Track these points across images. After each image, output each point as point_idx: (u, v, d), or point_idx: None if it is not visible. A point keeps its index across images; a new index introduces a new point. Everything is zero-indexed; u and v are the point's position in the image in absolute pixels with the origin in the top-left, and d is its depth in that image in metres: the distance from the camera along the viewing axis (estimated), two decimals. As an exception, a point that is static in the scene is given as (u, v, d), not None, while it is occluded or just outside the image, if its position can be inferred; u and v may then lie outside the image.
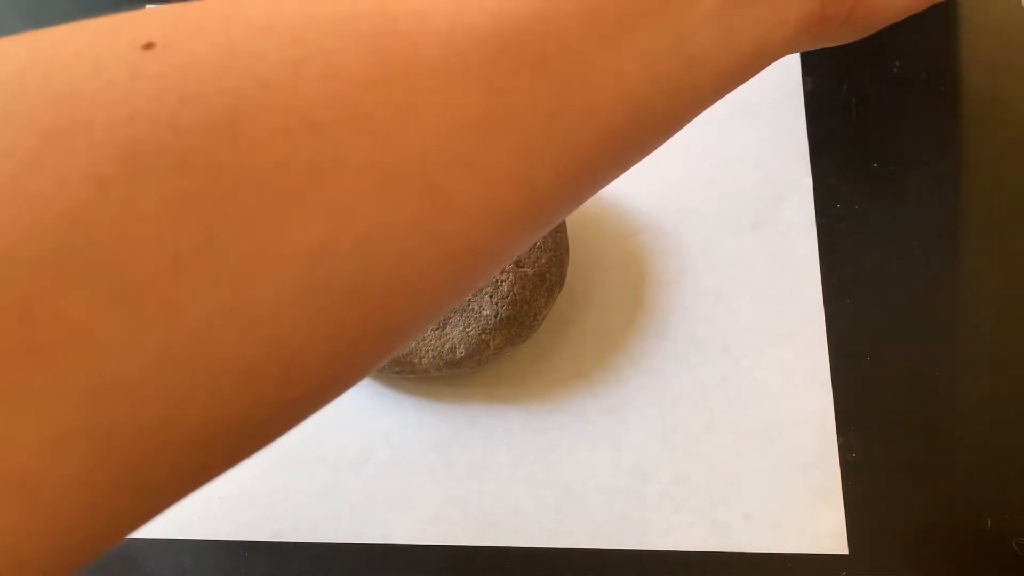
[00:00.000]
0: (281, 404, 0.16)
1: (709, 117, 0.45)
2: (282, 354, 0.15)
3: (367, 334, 0.16)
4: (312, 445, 0.38)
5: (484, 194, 0.17)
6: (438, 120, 0.16)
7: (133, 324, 0.13)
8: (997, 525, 0.37)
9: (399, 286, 0.16)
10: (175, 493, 0.15)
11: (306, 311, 0.15)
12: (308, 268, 0.15)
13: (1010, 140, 0.45)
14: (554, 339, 0.40)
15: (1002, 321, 0.41)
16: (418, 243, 0.16)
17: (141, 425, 0.14)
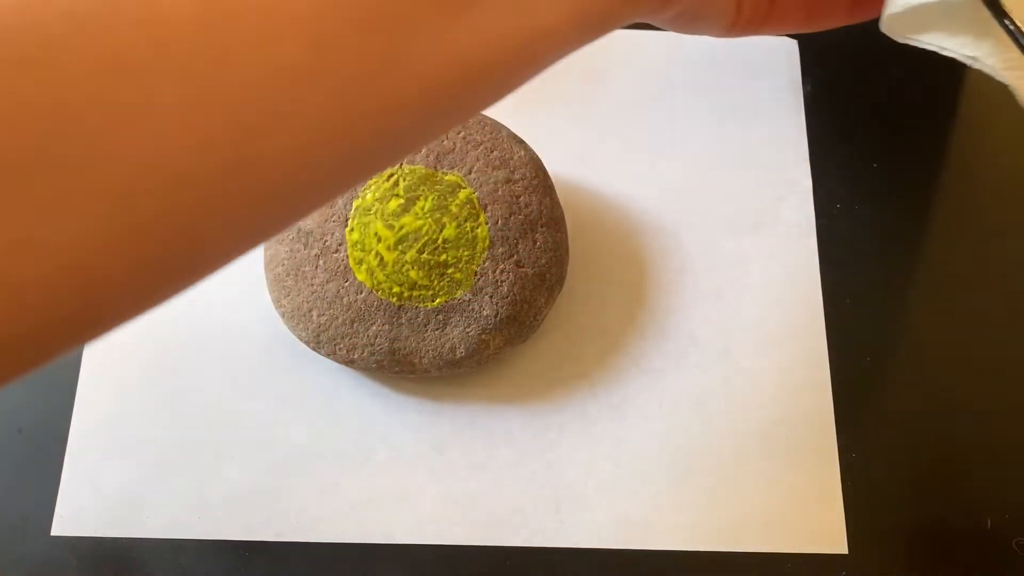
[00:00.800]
0: (77, 323, 0.17)
1: (709, 117, 0.45)
2: (78, 280, 0.16)
3: (170, 267, 0.17)
4: (312, 445, 0.38)
5: (297, 144, 0.17)
6: (255, 70, 0.17)
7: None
8: (997, 525, 0.37)
9: (203, 229, 0.17)
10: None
11: (108, 244, 0.16)
12: (112, 206, 0.15)
13: (1010, 140, 0.45)
14: (554, 339, 0.40)
15: (1002, 321, 0.41)
16: (224, 189, 0.17)
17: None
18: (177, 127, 0.16)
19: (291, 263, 0.37)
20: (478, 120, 0.39)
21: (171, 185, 0.16)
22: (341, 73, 0.18)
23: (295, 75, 0.17)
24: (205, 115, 0.16)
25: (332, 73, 0.18)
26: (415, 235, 0.36)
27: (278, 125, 0.17)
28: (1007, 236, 0.43)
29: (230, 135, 0.16)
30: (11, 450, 0.38)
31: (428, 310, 0.36)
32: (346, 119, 0.18)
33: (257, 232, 0.19)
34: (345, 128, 0.18)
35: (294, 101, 0.17)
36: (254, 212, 0.18)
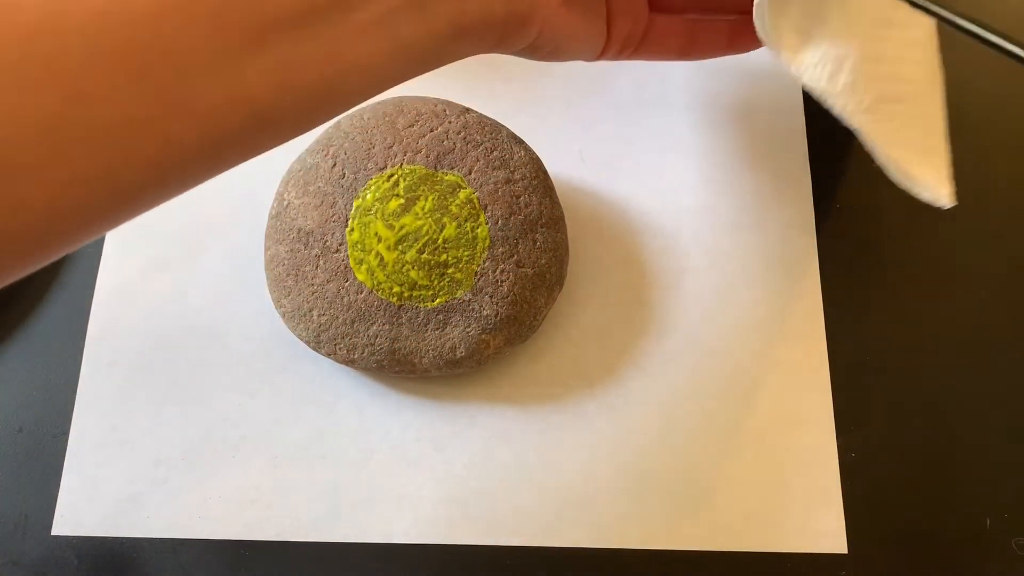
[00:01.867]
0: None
1: (709, 117, 0.45)
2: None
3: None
4: (312, 445, 0.38)
5: (50, 194, 0.17)
6: (3, 123, 0.16)
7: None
8: (997, 525, 0.37)
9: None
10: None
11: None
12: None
13: (1010, 140, 0.45)
14: (554, 339, 0.40)
15: (1002, 320, 0.41)
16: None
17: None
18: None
19: (291, 263, 0.37)
20: (478, 120, 0.39)
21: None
22: (104, 121, 0.17)
23: (46, 127, 0.17)
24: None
25: (90, 123, 0.17)
26: (415, 235, 0.36)
27: (25, 178, 0.17)
28: (1007, 236, 0.43)
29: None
30: (11, 450, 0.38)
31: (428, 310, 0.36)
32: (106, 165, 0.18)
33: (12, 273, 0.19)
34: (108, 175, 0.18)
35: (46, 151, 0.17)
36: (7, 257, 0.18)
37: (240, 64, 0.19)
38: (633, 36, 0.31)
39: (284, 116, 0.20)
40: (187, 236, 0.41)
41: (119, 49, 0.17)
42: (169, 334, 0.40)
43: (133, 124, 0.18)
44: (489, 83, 0.44)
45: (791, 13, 0.29)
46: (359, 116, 0.39)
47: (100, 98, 0.17)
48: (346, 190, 0.37)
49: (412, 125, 0.38)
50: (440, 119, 0.38)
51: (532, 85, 0.44)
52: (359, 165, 0.37)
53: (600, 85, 0.44)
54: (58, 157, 0.17)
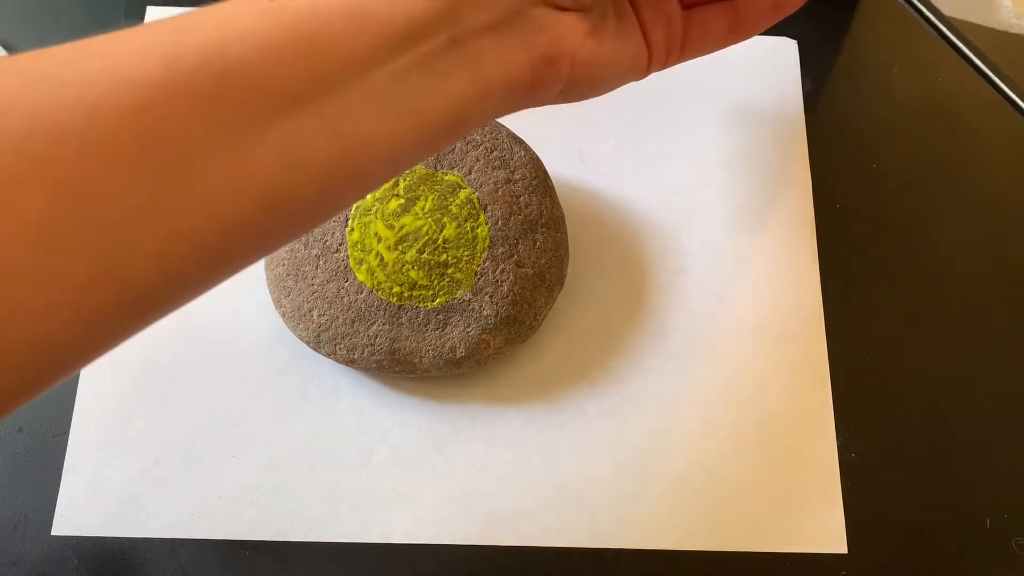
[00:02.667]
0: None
1: (709, 117, 0.45)
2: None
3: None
4: (312, 445, 0.38)
5: (49, 297, 0.16)
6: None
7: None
8: (997, 525, 0.37)
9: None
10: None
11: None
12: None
13: (1010, 141, 0.45)
14: (554, 339, 0.40)
15: (1002, 321, 0.41)
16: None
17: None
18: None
19: (291, 263, 0.37)
20: (478, 120, 0.39)
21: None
22: (100, 218, 0.17)
23: (37, 227, 0.16)
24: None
25: (85, 220, 0.16)
26: (415, 235, 0.36)
27: (17, 281, 0.16)
28: (1006, 236, 0.43)
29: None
30: (11, 450, 0.38)
31: (428, 310, 0.36)
32: (109, 262, 0.17)
33: (24, 392, 0.18)
34: (111, 273, 0.17)
35: (38, 252, 0.16)
36: (11, 365, 0.17)
37: (243, 146, 0.18)
38: (674, 39, 0.29)
39: (296, 200, 0.19)
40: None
41: (111, 141, 0.17)
42: (169, 334, 0.40)
43: (134, 216, 0.17)
44: (489, 83, 0.44)
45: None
46: (359, 116, 0.39)
47: (96, 191, 0.16)
48: (346, 190, 0.37)
49: (412, 125, 0.38)
50: (440, 119, 0.38)
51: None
52: (359, 165, 0.37)
53: (600, 85, 0.44)
54: (55, 255, 0.16)
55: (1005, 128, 0.45)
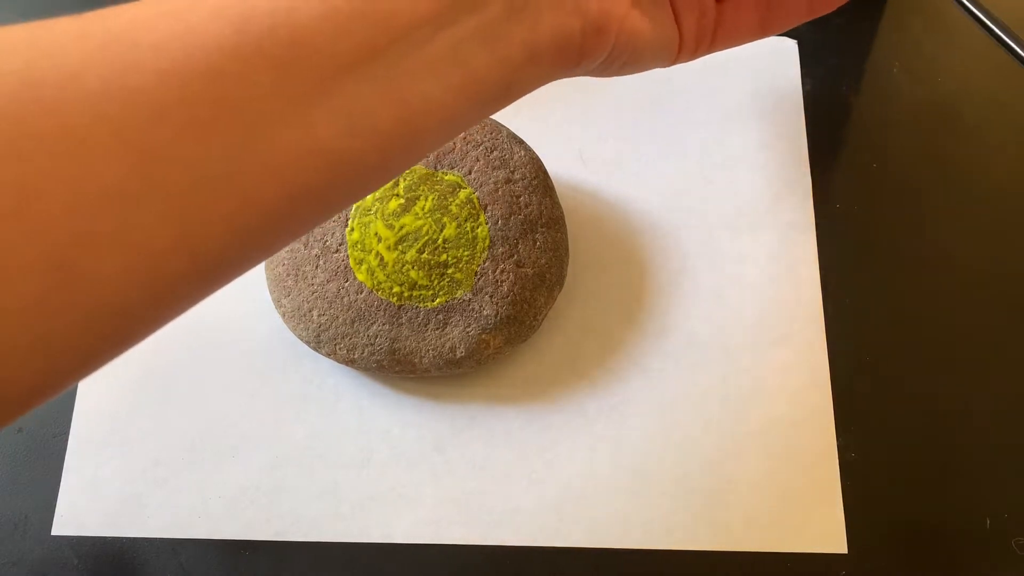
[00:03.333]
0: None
1: (709, 117, 0.45)
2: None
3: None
4: (312, 445, 0.38)
5: (125, 264, 0.17)
6: (67, 195, 0.16)
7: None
8: (997, 525, 0.37)
9: (33, 353, 0.16)
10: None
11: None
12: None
13: (1009, 141, 0.45)
14: (554, 339, 0.40)
15: (1001, 321, 0.41)
16: (50, 317, 0.16)
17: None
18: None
19: (291, 263, 0.37)
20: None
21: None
22: (177, 183, 0.17)
23: (116, 193, 0.16)
24: (15, 252, 0.15)
25: (162, 186, 0.17)
26: (415, 235, 0.36)
27: (95, 248, 0.16)
28: (1006, 236, 0.43)
29: (43, 265, 0.16)
30: (11, 450, 0.38)
31: (428, 310, 0.36)
32: (182, 228, 0.17)
33: (94, 355, 0.18)
34: (185, 241, 0.17)
35: (117, 218, 0.16)
36: (86, 330, 0.17)
37: (308, 112, 0.18)
38: (705, 28, 0.29)
39: (359, 164, 0.19)
40: (187, 236, 0.41)
41: (185, 106, 0.17)
42: (169, 334, 0.40)
43: (206, 182, 0.17)
44: (489, 83, 0.44)
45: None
46: (359, 116, 0.39)
47: (171, 157, 0.17)
48: (346, 190, 0.37)
49: (412, 125, 0.38)
50: (440, 119, 0.38)
51: (532, 85, 0.44)
52: (359, 165, 0.37)
53: (600, 85, 0.44)
54: (131, 224, 0.16)
55: (1005, 128, 0.45)
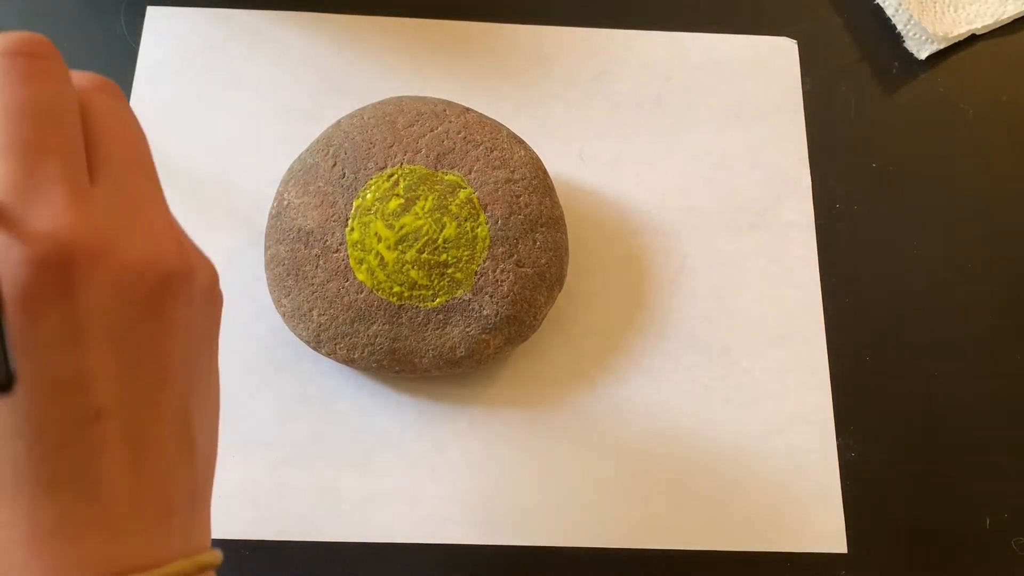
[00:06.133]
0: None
1: (709, 117, 0.45)
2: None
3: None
4: (312, 445, 0.38)
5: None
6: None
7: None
8: (997, 525, 0.37)
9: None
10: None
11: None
12: None
13: (1009, 141, 0.45)
14: (554, 339, 0.40)
15: (1000, 321, 0.41)
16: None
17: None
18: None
19: (291, 263, 0.37)
20: (478, 120, 0.39)
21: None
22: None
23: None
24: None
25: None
26: (415, 235, 0.36)
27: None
28: (1006, 236, 0.43)
29: None
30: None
31: (428, 310, 0.36)
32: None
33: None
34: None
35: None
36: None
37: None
38: None
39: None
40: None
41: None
42: (169, 334, 0.40)
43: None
44: (489, 83, 0.44)
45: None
46: (359, 116, 0.39)
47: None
48: (346, 190, 0.37)
49: (412, 125, 0.38)
50: (440, 119, 0.38)
51: (532, 85, 0.44)
52: (359, 165, 0.37)
53: (600, 85, 0.44)
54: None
55: (1005, 128, 0.45)
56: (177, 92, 0.43)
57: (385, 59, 0.44)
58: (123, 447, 0.20)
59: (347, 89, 0.44)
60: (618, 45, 0.45)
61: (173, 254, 0.21)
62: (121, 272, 0.19)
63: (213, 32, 0.44)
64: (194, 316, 0.22)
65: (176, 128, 0.42)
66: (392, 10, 0.45)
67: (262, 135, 0.43)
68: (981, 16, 0.46)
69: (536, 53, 0.45)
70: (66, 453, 0.19)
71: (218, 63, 0.44)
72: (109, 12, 0.44)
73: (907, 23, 0.46)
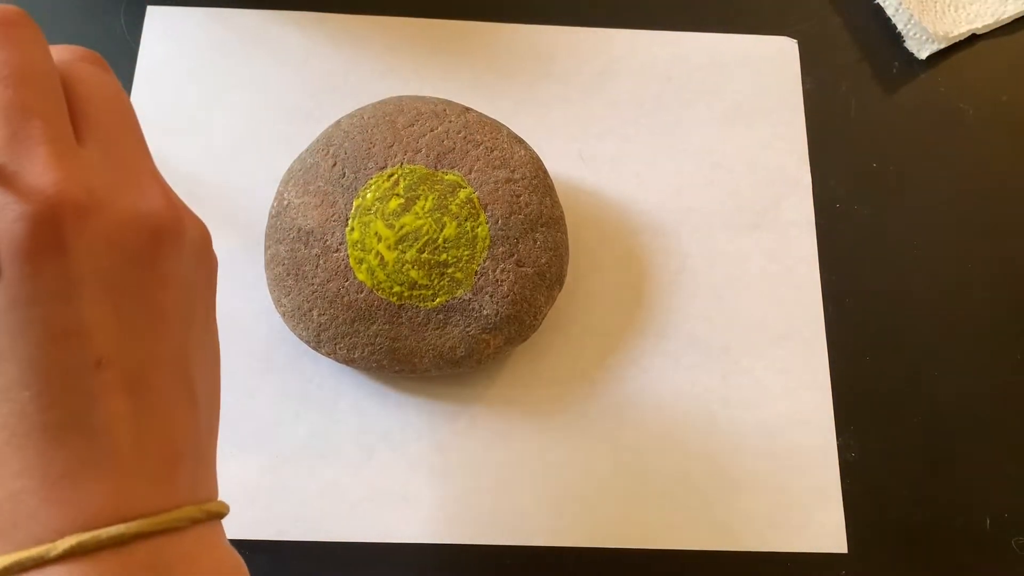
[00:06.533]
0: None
1: (709, 117, 0.45)
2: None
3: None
4: (312, 445, 0.38)
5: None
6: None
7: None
8: (997, 525, 0.37)
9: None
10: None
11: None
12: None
13: (1009, 140, 0.45)
14: (554, 339, 0.40)
15: (1000, 321, 0.41)
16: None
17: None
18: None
19: (291, 262, 0.37)
20: (478, 119, 0.39)
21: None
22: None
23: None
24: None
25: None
26: (415, 234, 0.36)
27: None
28: (1006, 235, 0.43)
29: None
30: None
31: (428, 309, 0.36)
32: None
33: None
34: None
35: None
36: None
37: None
38: None
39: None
40: (187, 236, 0.41)
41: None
42: (169, 334, 0.40)
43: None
44: (489, 83, 0.44)
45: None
46: (359, 116, 0.39)
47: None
48: (346, 189, 0.37)
49: (412, 124, 0.38)
50: (440, 118, 0.38)
51: (532, 85, 0.44)
52: (359, 164, 0.37)
53: (600, 85, 0.44)
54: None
55: (1005, 128, 0.45)
56: (177, 92, 0.43)
57: (385, 59, 0.44)
58: (124, 394, 0.21)
59: (347, 89, 0.44)
60: (618, 45, 0.45)
61: (162, 208, 0.21)
62: (112, 226, 0.20)
63: (213, 32, 0.44)
64: (186, 270, 0.23)
65: (176, 128, 0.42)
66: (392, 10, 0.45)
67: (262, 135, 0.43)
68: (981, 16, 0.46)
69: (536, 53, 0.45)
70: (70, 400, 0.20)
71: (218, 63, 0.44)
72: (109, 12, 0.44)
73: (907, 23, 0.46)
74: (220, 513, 0.23)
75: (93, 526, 0.20)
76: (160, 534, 0.21)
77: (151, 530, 0.20)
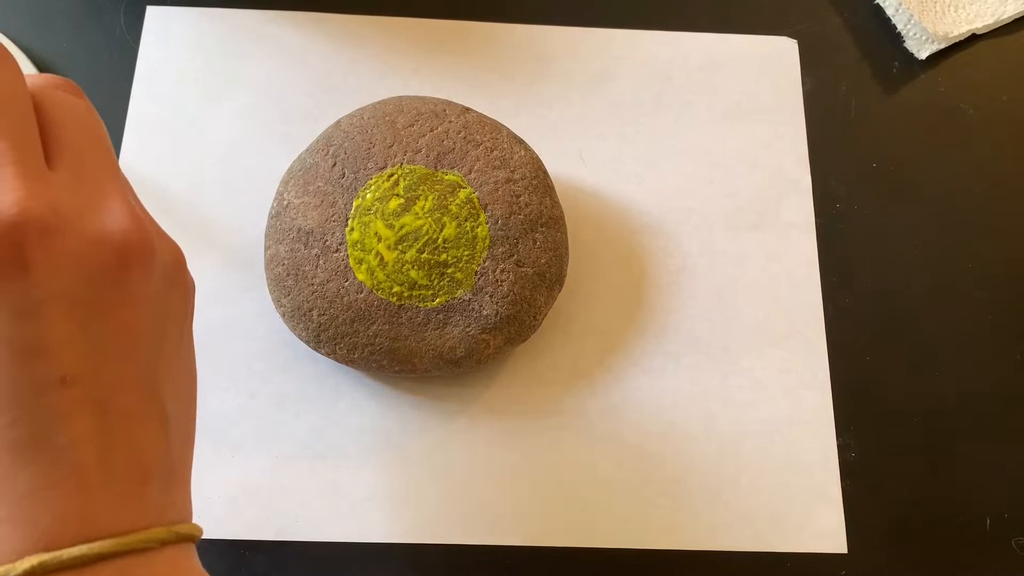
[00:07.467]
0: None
1: (709, 117, 0.45)
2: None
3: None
4: (312, 445, 0.38)
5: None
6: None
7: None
8: (997, 525, 0.37)
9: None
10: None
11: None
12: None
13: (1009, 140, 0.45)
14: (554, 339, 0.40)
15: (1001, 321, 0.41)
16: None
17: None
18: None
19: (291, 263, 0.37)
20: (478, 120, 0.39)
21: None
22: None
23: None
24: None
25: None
26: (415, 235, 0.36)
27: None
28: (1006, 235, 0.43)
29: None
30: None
31: (428, 310, 0.36)
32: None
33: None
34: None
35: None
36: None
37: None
38: None
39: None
40: (187, 236, 0.41)
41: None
42: (169, 334, 0.40)
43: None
44: (489, 83, 0.44)
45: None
46: (359, 116, 0.39)
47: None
48: (346, 190, 0.37)
49: (412, 124, 0.38)
50: (440, 119, 0.38)
51: (532, 85, 0.44)
52: (359, 165, 0.37)
53: (600, 85, 0.44)
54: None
55: (1005, 128, 0.45)
56: (177, 92, 0.43)
57: (385, 59, 0.44)
58: (91, 413, 0.21)
59: (347, 89, 0.44)
60: (618, 45, 0.45)
61: (130, 228, 0.21)
62: (77, 245, 0.20)
63: (213, 32, 0.44)
64: (156, 291, 0.22)
65: (176, 128, 0.42)
66: (391, 10, 0.45)
67: (262, 135, 0.43)
68: (981, 16, 0.46)
69: (536, 53, 0.45)
70: (34, 418, 0.20)
71: (218, 63, 0.44)
72: (109, 12, 0.44)
73: (907, 23, 0.46)
74: (192, 535, 0.23)
75: (57, 546, 0.20)
76: (127, 555, 0.20)
77: (117, 550, 0.20)
